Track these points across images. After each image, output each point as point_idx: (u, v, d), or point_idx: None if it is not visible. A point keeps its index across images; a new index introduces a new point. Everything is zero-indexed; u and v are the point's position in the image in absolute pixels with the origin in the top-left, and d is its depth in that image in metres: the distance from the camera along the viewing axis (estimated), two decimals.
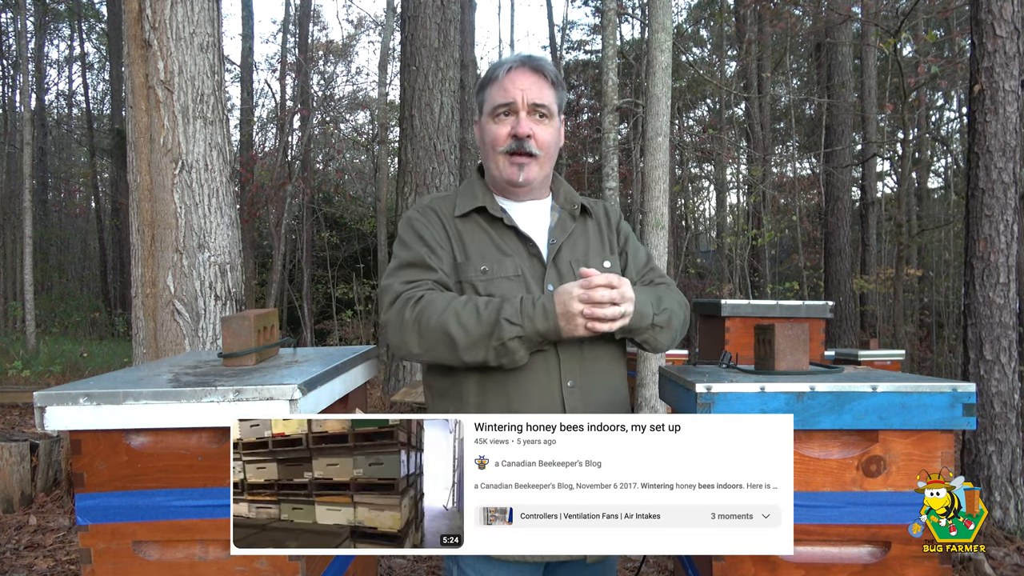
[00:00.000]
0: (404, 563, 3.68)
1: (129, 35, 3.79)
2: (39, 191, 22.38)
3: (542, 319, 1.50)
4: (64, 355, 12.18)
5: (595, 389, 1.65)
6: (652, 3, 5.73)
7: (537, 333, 1.51)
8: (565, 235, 1.72)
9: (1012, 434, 4.09)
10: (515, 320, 1.51)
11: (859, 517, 1.56)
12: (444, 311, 1.54)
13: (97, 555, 1.53)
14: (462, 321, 1.52)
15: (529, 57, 1.69)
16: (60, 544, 3.98)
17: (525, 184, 1.68)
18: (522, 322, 1.50)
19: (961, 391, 1.54)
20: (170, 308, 3.71)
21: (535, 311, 1.51)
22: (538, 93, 1.66)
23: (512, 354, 1.52)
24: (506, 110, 1.66)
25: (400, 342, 1.59)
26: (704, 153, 14.78)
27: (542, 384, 1.60)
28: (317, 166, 17.88)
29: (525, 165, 1.66)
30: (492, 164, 1.70)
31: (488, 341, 1.51)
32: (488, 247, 1.68)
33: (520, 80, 1.65)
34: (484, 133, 1.71)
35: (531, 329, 1.50)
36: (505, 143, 1.66)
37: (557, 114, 1.71)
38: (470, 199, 1.73)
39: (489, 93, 1.69)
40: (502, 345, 1.51)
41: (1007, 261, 4.11)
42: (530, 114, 1.65)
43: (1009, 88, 4.11)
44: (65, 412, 1.51)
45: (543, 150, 1.67)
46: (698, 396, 1.55)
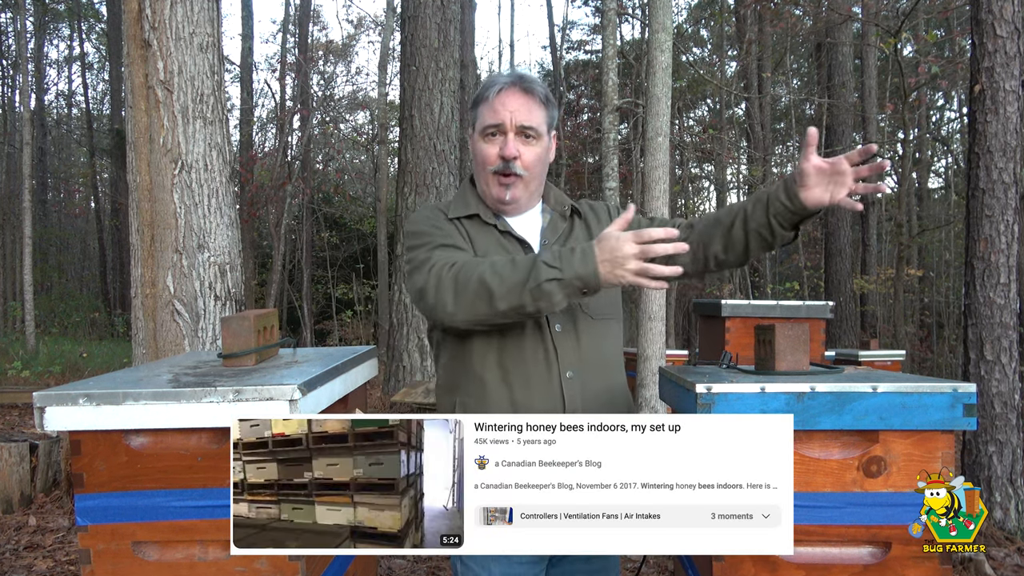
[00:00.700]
0: (404, 563, 3.67)
1: (129, 35, 3.79)
2: (39, 191, 22.38)
3: (580, 262, 1.47)
4: (64, 355, 12.18)
5: (594, 378, 1.69)
6: (652, 3, 5.73)
7: (576, 276, 1.48)
8: (557, 235, 1.78)
9: (1012, 434, 4.09)
10: (553, 263, 1.50)
11: (859, 518, 1.56)
12: (480, 265, 1.57)
13: (97, 556, 1.53)
14: (498, 270, 1.54)
15: (520, 78, 1.73)
16: (60, 545, 3.98)
17: (511, 203, 1.74)
18: (560, 265, 1.49)
19: (961, 391, 1.54)
20: (170, 308, 3.71)
21: (574, 257, 1.49)
22: (526, 115, 1.69)
23: (549, 296, 1.50)
24: (494, 131, 1.70)
25: (437, 301, 1.60)
26: (704, 153, 14.77)
27: (541, 375, 1.65)
28: (317, 166, 17.89)
29: (511, 186, 1.71)
30: (482, 181, 1.76)
31: (524, 285, 1.51)
32: (493, 245, 1.74)
33: (509, 102, 1.69)
34: (475, 151, 1.76)
35: (570, 272, 1.48)
36: (494, 163, 1.71)
37: (547, 133, 1.75)
38: (463, 207, 1.79)
39: (480, 112, 1.73)
40: (538, 287, 1.49)
41: (1007, 261, 4.11)
42: (517, 135, 1.69)
43: (1009, 88, 4.10)
44: (65, 412, 1.51)
45: (528, 170, 1.71)
46: (698, 396, 1.55)
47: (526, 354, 1.66)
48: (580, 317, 1.71)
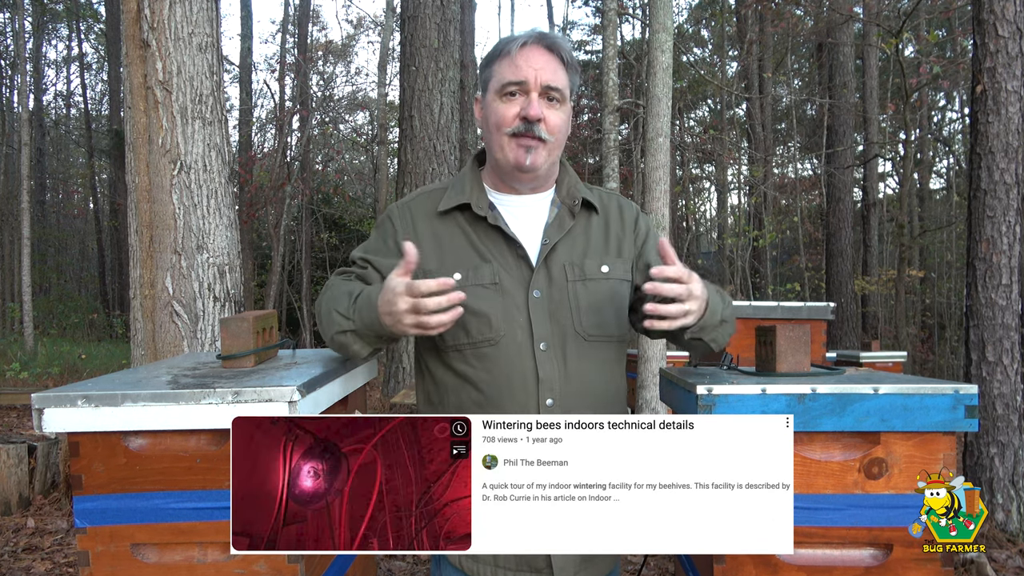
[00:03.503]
0: (404, 565, 3.67)
1: (127, 35, 3.79)
2: (37, 192, 22.39)
3: (367, 311, 1.40)
4: (62, 357, 12.18)
5: (577, 408, 1.51)
6: (653, 3, 5.73)
7: (366, 327, 1.42)
8: (562, 233, 1.57)
9: (1014, 436, 4.08)
10: (347, 314, 1.44)
11: (861, 519, 1.56)
12: (323, 304, 1.53)
13: (95, 558, 1.53)
14: (322, 314, 1.52)
15: (544, 34, 1.54)
16: (58, 547, 3.97)
17: (532, 169, 1.53)
18: (353, 316, 1.43)
19: (963, 393, 1.53)
20: (169, 309, 3.70)
21: (366, 305, 1.41)
22: (552, 74, 1.51)
23: (346, 348, 1.48)
24: (516, 89, 1.50)
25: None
26: (705, 154, 14.78)
27: (518, 401, 1.50)
28: (316, 167, 17.89)
29: (533, 149, 1.51)
30: (496, 147, 1.54)
31: (328, 334, 1.50)
32: (466, 251, 1.55)
33: (534, 58, 1.50)
34: (489, 112, 1.55)
35: (360, 323, 1.43)
36: (512, 124, 1.50)
37: (569, 99, 1.56)
38: (457, 194, 1.59)
39: (497, 69, 1.53)
40: (332, 339, 1.48)
41: (1009, 262, 4.10)
42: (542, 96, 1.50)
43: (1011, 88, 4.10)
44: (63, 414, 1.50)
45: (553, 135, 1.52)
46: (699, 398, 1.55)
47: (503, 375, 1.51)
48: (569, 336, 1.54)
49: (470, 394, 1.52)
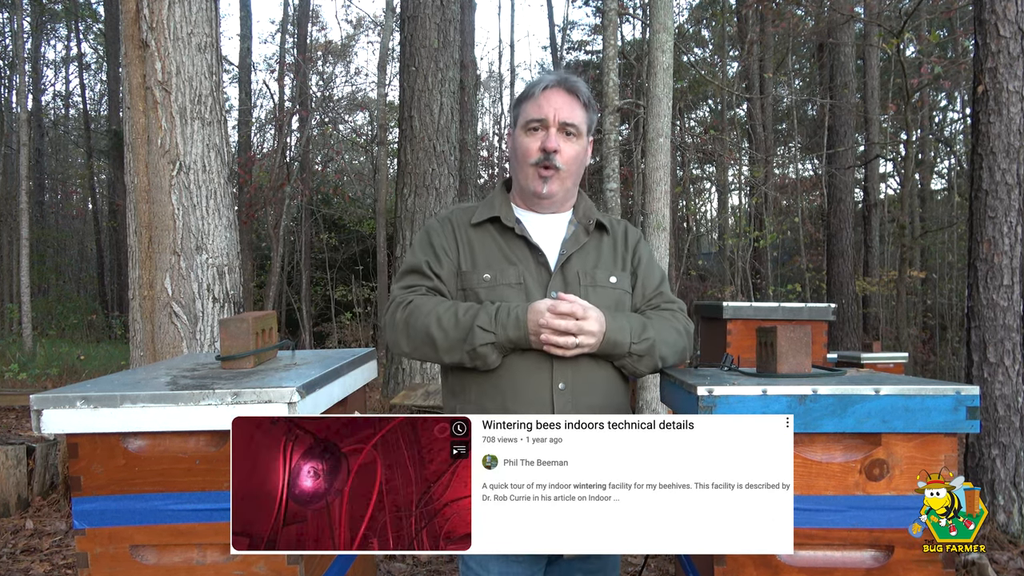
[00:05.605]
0: (404, 566, 3.66)
1: (126, 35, 3.78)
2: (36, 192, 22.38)
3: (514, 328, 1.65)
4: (61, 358, 12.16)
5: (586, 392, 1.72)
6: (653, 3, 5.72)
7: (508, 340, 1.66)
8: (577, 247, 1.83)
9: (1016, 437, 4.07)
10: (488, 327, 1.65)
11: (862, 521, 1.55)
12: (428, 315, 1.71)
13: (94, 559, 1.52)
14: (443, 325, 1.69)
15: (565, 79, 1.82)
16: (57, 548, 3.97)
17: (548, 196, 1.80)
18: (495, 329, 1.65)
19: (964, 394, 1.53)
20: (168, 310, 3.70)
21: (508, 320, 1.66)
22: (569, 113, 1.78)
23: (483, 358, 1.67)
24: (537, 125, 1.78)
25: (393, 341, 1.77)
26: (706, 154, 14.75)
27: (533, 385, 1.71)
28: (316, 167, 17.87)
29: (549, 179, 1.78)
30: (520, 175, 1.82)
31: (463, 345, 1.67)
32: (496, 256, 1.81)
33: (554, 99, 1.78)
34: (516, 145, 1.83)
35: (503, 336, 1.66)
36: (535, 155, 1.77)
37: (586, 134, 1.83)
38: (488, 209, 1.86)
39: (524, 108, 1.81)
40: (473, 350, 1.66)
41: (1011, 263, 4.09)
42: (560, 131, 1.77)
43: (1013, 89, 4.09)
44: (62, 415, 1.50)
45: (566, 165, 1.78)
46: (700, 399, 1.54)
47: (522, 359, 1.71)
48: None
49: (489, 378, 1.73)
